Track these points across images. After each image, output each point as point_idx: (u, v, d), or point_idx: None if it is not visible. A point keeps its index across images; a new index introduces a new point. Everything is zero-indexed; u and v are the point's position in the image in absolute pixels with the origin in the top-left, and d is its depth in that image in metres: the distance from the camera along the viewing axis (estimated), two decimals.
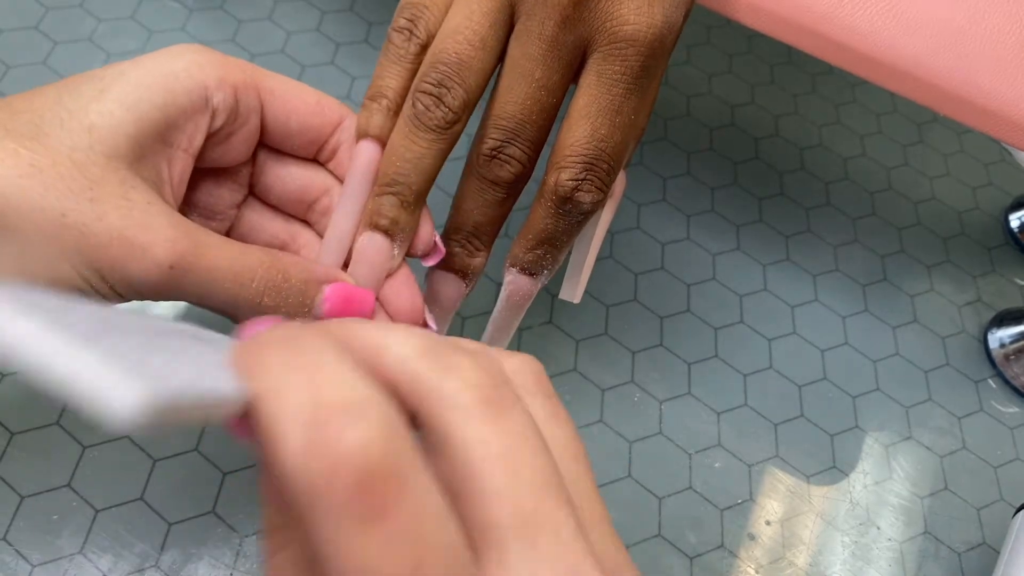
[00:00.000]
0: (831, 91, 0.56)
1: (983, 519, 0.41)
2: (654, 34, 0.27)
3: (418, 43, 0.27)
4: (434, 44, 0.27)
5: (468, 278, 0.30)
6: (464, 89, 0.27)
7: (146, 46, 0.48)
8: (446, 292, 0.31)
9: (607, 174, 0.28)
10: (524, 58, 0.27)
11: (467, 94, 0.27)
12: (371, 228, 0.28)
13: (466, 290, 0.31)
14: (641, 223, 0.48)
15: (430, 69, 0.27)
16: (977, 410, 0.45)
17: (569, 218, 0.29)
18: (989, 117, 0.33)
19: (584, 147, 0.27)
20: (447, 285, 0.30)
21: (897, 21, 0.33)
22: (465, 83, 0.27)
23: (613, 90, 0.27)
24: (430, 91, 0.26)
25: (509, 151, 0.28)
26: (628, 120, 0.28)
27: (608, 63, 0.27)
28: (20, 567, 0.32)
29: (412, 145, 0.27)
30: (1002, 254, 0.51)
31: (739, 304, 0.46)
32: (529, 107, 0.27)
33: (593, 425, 0.40)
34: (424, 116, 0.27)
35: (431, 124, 0.27)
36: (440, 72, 0.26)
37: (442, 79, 0.26)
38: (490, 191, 0.29)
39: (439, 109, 0.26)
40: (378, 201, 0.28)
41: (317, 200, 0.30)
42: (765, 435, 0.41)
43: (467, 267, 0.30)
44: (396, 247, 0.28)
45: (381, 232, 0.28)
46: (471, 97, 0.27)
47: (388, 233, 0.28)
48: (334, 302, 0.27)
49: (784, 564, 0.38)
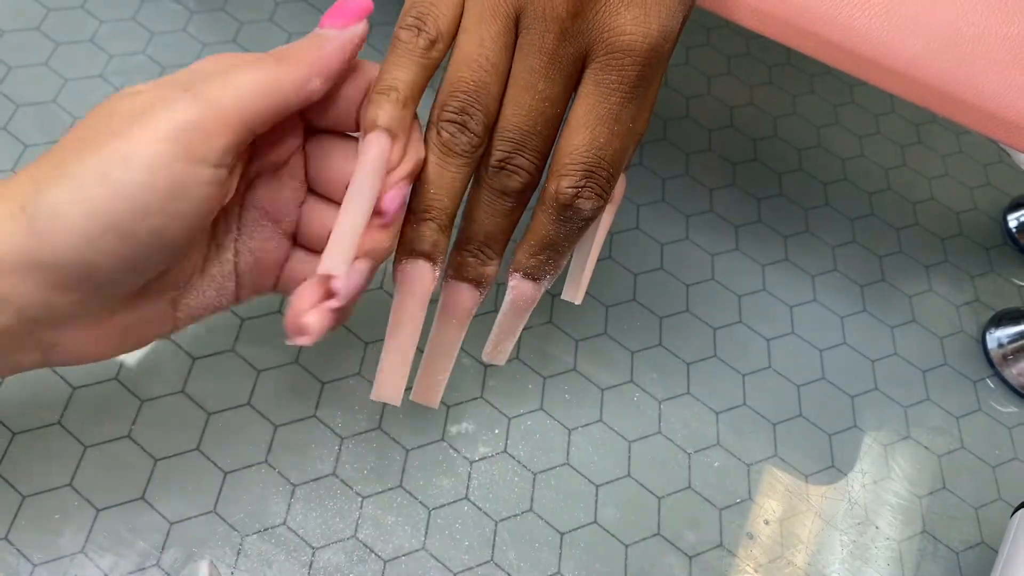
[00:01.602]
0: (829, 92, 0.57)
1: (981, 518, 0.41)
2: (650, 44, 0.27)
3: (427, 38, 0.27)
4: (450, 72, 0.28)
5: (482, 286, 0.31)
6: (484, 114, 0.28)
7: (147, 47, 0.48)
8: (461, 301, 0.31)
9: (607, 181, 0.29)
10: (527, 71, 0.28)
11: (487, 118, 0.28)
12: (413, 256, 0.29)
13: (480, 298, 0.32)
14: (640, 223, 0.48)
15: (449, 98, 0.28)
16: (975, 410, 0.45)
17: (570, 224, 0.29)
18: (987, 118, 0.33)
19: (583, 155, 0.28)
20: (462, 294, 0.31)
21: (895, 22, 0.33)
22: (485, 108, 0.28)
23: (611, 99, 0.28)
24: (453, 119, 0.28)
25: (517, 162, 0.28)
26: (626, 127, 0.28)
27: (605, 72, 0.27)
28: (22, 566, 0.33)
29: (444, 172, 0.28)
30: (1000, 254, 0.52)
31: (738, 304, 0.46)
32: (534, 119, 0.28)
33: (593, 425, 0.40)
34: (451, 143, 0.28)
35: (458, 150, 0.28)
36: (461, 100, 0.27)
37: (463, 107, 0.27)
38: (499, 201, 0.29)
39: (464, 135, 0.28)
40: (418, 230, 0.29)
41: None
42: (764, 435, 0.42)
43: (480, 276, 0.31)
44: (437, 269, 0.30)
45: (424, 258, 0.29)
46: (490, 120, 0.28)
47: (430, 257, 0.29)
48: None
49: (783, 563, 0.38)
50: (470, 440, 0.39)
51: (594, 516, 0.38)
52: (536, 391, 0.41)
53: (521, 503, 0.37)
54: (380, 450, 0.38)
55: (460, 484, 0.37)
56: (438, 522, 0.36)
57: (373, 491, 0.37)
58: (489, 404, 0.40)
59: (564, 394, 0.41)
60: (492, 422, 0.39)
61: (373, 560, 0.35)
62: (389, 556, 0.35)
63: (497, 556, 0.36)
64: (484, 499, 0.37)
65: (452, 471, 0.38)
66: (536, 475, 0.38)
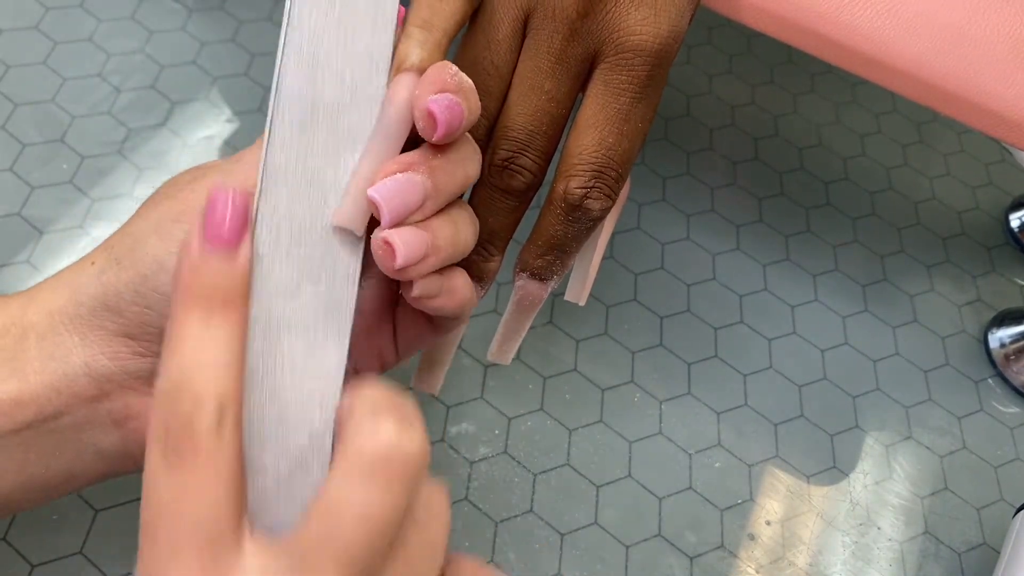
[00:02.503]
0: (831, 91, 0.56)
1: (983, 519, 0.41)
2: (660, 44, 0.27)
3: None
4: None
5: (484, 281, 0.31)
6: (485, 117, 0.28)
7: (146, 46, 0.48)
8: None
9: (615, 181, 0.29)
10: (533, 71, 0.28)
11: (488, 121, 0.28)
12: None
13: (483, 292, 0.32)
14: (641, 223, 0.48)
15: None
16: (977, 410, 0.45)
17: (578, 225, 0.29)
18: (989, 117, 0.33)
19: (592, 155, 0.28)
20: None
21: (898, 21, 0.33)
22: (486, 111, 0.28)
23: (620, 99, 0.28)
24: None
25: (520, 162, 0.28)
26: (635, 128, 0.28)
27: (615, 73, 0.27)
28: (20, 567, 0.32)
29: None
30: (1002, 254, 0.51)
31: (739, 304, 0.46)
32: (539, 118, 0.28)
33: (593, 425, 0.40)
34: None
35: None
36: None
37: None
38: (502, 200, 0.29)
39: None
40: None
41: None
42: (765, 435, 0.41)
43: (483, 272, 0.31)
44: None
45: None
46: (491, 122, 0.29)
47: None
48: None
49: (784, 564, 0.38)
50: (470, 440, 0.39)
51: (595, 517, 0.38)
52: (536, 391, 0.41)
53: (521, 504, 0.37)
54: None
55: (460, 485, 0.37)
56: None
57: None
58: (489, 404, 0.40)
59: (564, 394, 0.41)
60: (492, 422, 0.39)
61: None
62: None
63: (497, 557, 0.36)
64: (484, 500, 0.37)
65: (452, 471, 0.38)
66: (536, 475, 0.38)
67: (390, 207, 0.23)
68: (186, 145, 0.45)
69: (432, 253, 0.24)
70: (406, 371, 0.41)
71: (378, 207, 0.23)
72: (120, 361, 0.24)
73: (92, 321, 0.24)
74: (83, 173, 0.43)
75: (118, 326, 0.24)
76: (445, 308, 0.26)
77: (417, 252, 0.23)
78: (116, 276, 0.23)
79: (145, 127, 0.45)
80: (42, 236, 0.41)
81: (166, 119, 0.46)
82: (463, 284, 0.26)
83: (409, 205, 0.23)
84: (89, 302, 0.24)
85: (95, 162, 0.44)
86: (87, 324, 0.24)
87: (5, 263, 0.40)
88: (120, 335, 0.24)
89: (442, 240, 0.24)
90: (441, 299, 0.26)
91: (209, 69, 0.48)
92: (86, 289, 0.24)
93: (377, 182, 0.23)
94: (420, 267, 0.24)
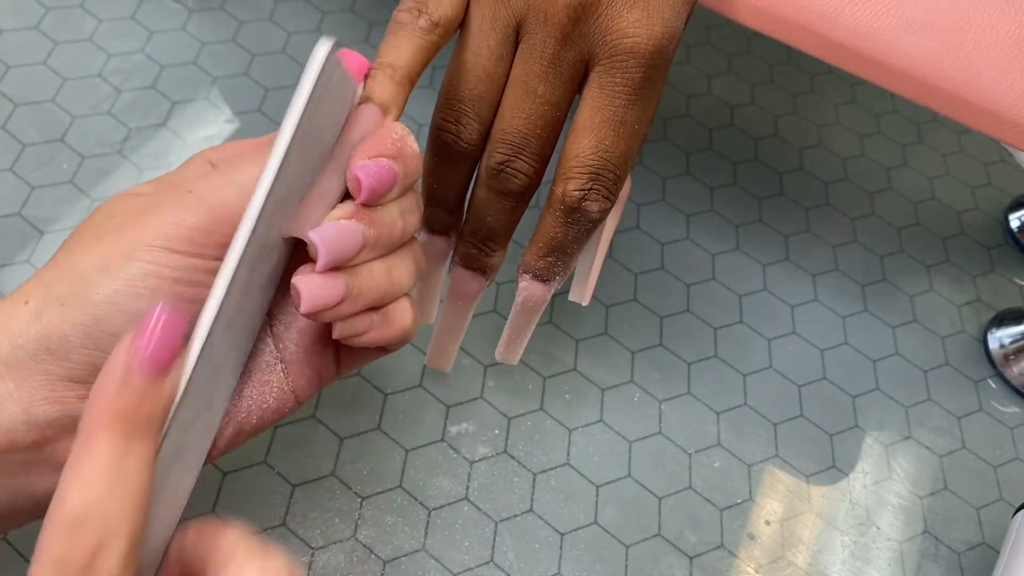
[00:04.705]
0: (830, 91, 0.56)
1: (983, 519, 0.41)
2: (655, 45, 0.27)
3: (428, 20, 0.27)
4: (447, 80, 0.29)
5: (487, 274, 0.33)
6: (479, 123, 0.29)
7: (146, 46, 0.48)
8: (467, 287, 0.33)
9: (613, 183, 0.29)
10: (527, 76, 0.28)
11: (482, 126, 0.29)
12: (432, 233, 0.32)
13: (487, 283, 0.33)
14: (641, 223, 0.48)
15: (445, 106, 0.29)
16: (977, 410, 0.45)
17: (578, 226, 0.29)
18: (989, 117, 0.33)
19: (589, 158, 0.28)
20: (468, 281, 0.33)
21: (898, 21, 0.33)
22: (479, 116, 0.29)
23: (616, 101, 0.28)
24: (448, 128, 0.29)
25: (516, 165, 0.29)
26: (632, 129, 0.28)
27: (610, 75, 0.27)
28: (20, 566, 0.32)
29: (444, 171, 0.30)
30: (1002, 254, 0.51)
31: (739, 304, 0.46)
32: (534, 122, 0.28)
33: (593, 425, 0.40)
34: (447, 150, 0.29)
35: (454, 156, 0.30)
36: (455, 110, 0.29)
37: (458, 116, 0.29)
38: (499, 201, 0.30)
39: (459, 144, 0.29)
40: (430, 213, 0.32)
41: None
42: (765, 435, 0.41)
43: (485, 266, 0.32)
44: (452, 239, 0.33)
45: (437, 234, 0.33)
46: (485, 127, 0.30)
47: (443, 232, 0.32)
48: None
49: (784, 564, 0.38)
50: (470, 440, 0.39)
51: (594, 516, 0.38)
52: (536, 391, 0.41)
53: (521, 503, 0.37)
54: (380, 450, 0.38)
55: (460, 484, 0.37)
56: (438, 523, 0.36)
57: (373, 491, 0.36)
58: (489, 404, 0.40)
59: (564, 394, 0.41)
60: (492, 422, 0.39)
61: (373, 561, 0.35)
62: (389, 557, 0.35)
63: (497, 557, 0.36)
64: (484, 499, 0.37)
65: (452, 471, 0.38)
66: (536, 475, 0.38)
67: (328, 251, 0.23)
68: (186, 145, 0.45)
69: (351, 298, 0.24)
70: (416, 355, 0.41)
71: (317, 249, 0.23)
72: (64, 405, 0.22)
73: (31, 366, 0.21)
74: (83, 173, 0.43)
75: (64, 370, 0.22)
76: (377, 341, 0.25)
77: (326, 300, 0.23)
78: (60, 317, 0.22)
79: (145, 127, 0.45)
80: (42, 236, 0.41)
81: (166, 119, 0.46)
82: (401, 315, 0.26)
83: (345, 253, 0.23)
84: (28, 345, 0.21)
85: (95, 162, 0.44)
86: (25, 369, 0.21)
87: (5, 263, 0.40)
88: (64, 379, 0.22)
89: (368, 285, 0.24)
90: (371, 334, 0.25)
91: (209, 69, 0.48)
92: (24, 332, 0.22)
93: (321, 224, 0.23)
94: (334, 312, 0.24)
